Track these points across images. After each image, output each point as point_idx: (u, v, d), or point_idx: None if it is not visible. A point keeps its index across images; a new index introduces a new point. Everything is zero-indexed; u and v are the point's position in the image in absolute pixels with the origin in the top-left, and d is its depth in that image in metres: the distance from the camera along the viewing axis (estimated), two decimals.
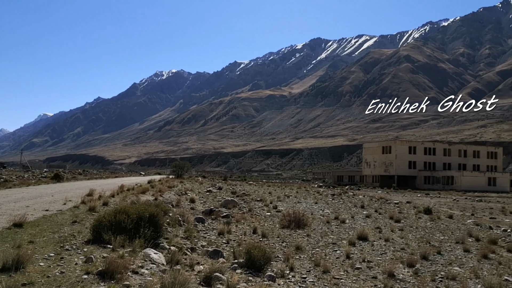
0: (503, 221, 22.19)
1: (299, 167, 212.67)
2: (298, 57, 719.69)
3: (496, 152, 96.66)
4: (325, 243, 14.04)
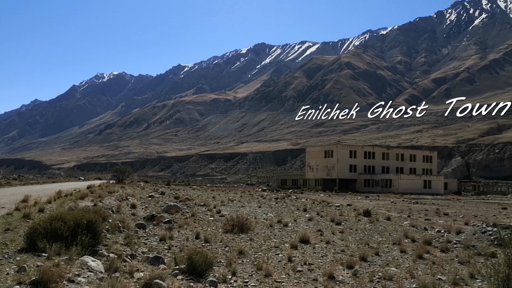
0: (437, 222, 23.18)
1: (243, 171, 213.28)
2: (242, 62, 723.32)
3: (431, 156, 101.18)
4: (268, 247, 14.12)
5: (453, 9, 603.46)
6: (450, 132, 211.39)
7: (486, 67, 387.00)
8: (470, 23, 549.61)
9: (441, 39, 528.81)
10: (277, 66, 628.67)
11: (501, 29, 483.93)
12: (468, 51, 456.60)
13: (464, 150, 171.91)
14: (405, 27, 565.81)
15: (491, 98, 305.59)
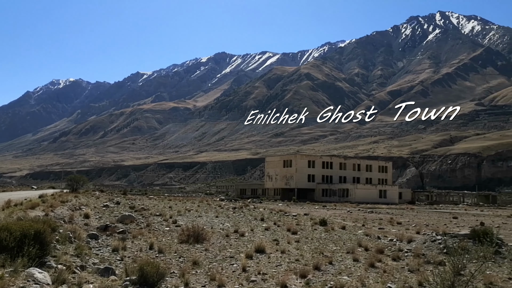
0: (390, 231, 23.69)
1: (203, 180, 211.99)
2: (202, 70, 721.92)
3: (387, 166, 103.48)
4: (223, 257, 14.05)
5: (408, 24, 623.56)
6: (405, 143, 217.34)
7: (439, 80, 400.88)
8: (424, 38, 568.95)
9: (396, 53, 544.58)
10: (238, 76, 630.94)
11: (454, 45, 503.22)
12: (422, 65, 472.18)
13: (418, 161, 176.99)
14: (363, 41, 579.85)
15: (444, 111, 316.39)
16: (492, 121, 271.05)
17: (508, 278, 12.14)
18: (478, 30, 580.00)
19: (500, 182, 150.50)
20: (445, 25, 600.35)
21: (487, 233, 14.26)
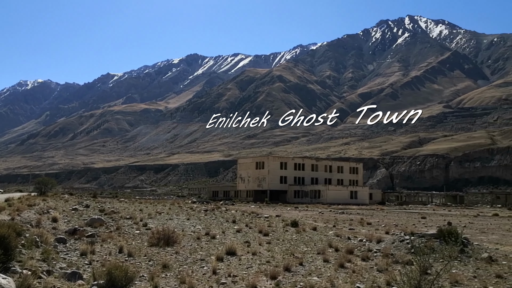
0: (360, 231, 24.00)
1: (174, 182, 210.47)
2: (174, 72, 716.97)
3: (357, 167, 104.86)
4: (194, 260, 13.99)
5: (378, 28, 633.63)
6: (376, 144, 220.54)
7: (408, 83, 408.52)
8: (394, 41, 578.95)
9: (367, 56, 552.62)
10: (210, 77, 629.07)
11: (422, 48, 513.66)
12: (392, 68, 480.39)
13: (388, 162, 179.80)
14: (334, 43, 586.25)
15: (413, 113, 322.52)
16: (459, 123, 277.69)
17: (473, 276, 12.44)
18: (446, 34, 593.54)
19: (467, 183, 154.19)
20: (414, 29, 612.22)
21: (452, 233, 14.59)
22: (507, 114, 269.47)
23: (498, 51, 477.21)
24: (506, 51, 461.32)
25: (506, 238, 22.64)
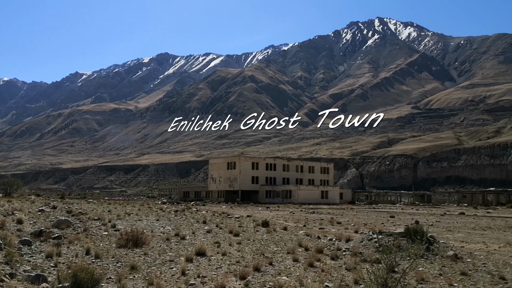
0: (330, 231, 24.19)
1: (145, 183, 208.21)
2: (145, 71, 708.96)
3: (328, 167, 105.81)
4: (162, 261, 13.84)
5: (348, 29, 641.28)
6: (346, 145, 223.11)
7: (378, 84, 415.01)
8: (364, 43, 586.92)
9: (338, 57, 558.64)
10: (181, 77, 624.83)
11: (391, 50, 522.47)
12: (362, 69, 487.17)
13: (358, 162, 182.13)
14: (305, 44, 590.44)
15: (383, 113, 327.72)
16: (427, 123, 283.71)
17: (439, 274, 12.68)
18: (414, 36, 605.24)
19: (435, 182, 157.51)
20: (383, 31, 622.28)
21: (418, 231, 14.85)
22: (473, 115, 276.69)
23: (465, 53, 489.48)
24: (472, 54, 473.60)
25: (471, 236, 23.19)
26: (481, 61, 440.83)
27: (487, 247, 18.36)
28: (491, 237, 22.85)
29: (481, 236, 23.03)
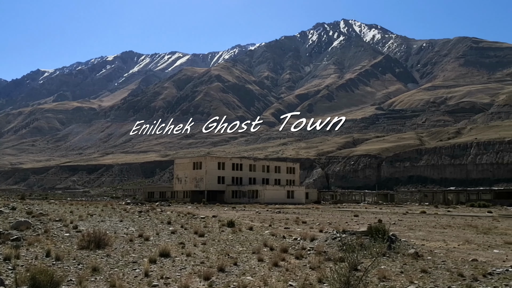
0: (295, 230, 24.35)
1: (108, 183, 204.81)
2: (109, 69, 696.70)
3: (294, 167, 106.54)
4: (125, 262, 13.62)
5: (314, 30, 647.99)
6: (312, 145, 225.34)
7: (343, 85, 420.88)
8: (329, 44, 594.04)
9: (304, 58, 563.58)
10: (146, 76, 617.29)
11: (356, 51, 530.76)
12: (328, 70, 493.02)
13: (324, 162, 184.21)
14: (272, 44, 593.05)
15: (348, 114, 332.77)
16: (391, 124, 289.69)
17: (400, 272, 12.93)
18: (379, 38, 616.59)
19: (398, 182, 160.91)
20: (348, 32, 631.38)
21: (380, 230, 15.12)
22: (434, 116, 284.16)
23: (427, 56, 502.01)
24: (434, 56, 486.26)
25: (431, 234, 23.76)
26: (443, 64, 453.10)
27: (446, 245, 18.85)
28: (451, 235, 23.48)
29: (441, 235, 23.63)
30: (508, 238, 21.21)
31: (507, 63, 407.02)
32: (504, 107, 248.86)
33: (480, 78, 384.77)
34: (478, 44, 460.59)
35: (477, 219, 37.51)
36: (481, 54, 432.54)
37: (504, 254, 16.45)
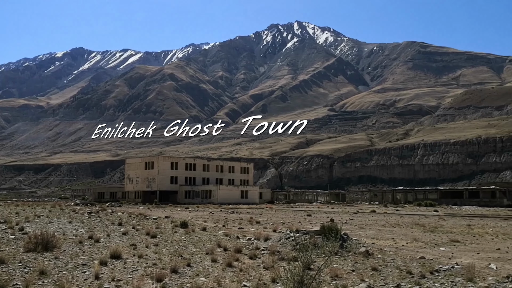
0: (249, 230, 24.41)
1: (57, 184, 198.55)
2: (58, 66, 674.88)
3: (248, 167, 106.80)
4: (75, 265, 13.22)
5: (269, 31, 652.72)
6: (266, 145, 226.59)
7: (297, 86, 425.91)
8: (283, 45, 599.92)
9: (258, 58, 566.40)
10: (97, 73, 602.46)
11: (310, 53, 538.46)
12: (282, 71, 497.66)
13: (277, 162, 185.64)
14: (226, 44, 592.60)
15: (301, 115, 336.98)
16: (342, 125, 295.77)
17: (352, 270, 13.19)
18: (331, 41, 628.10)
19: (349, 182, 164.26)
20: (302, 34, 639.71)
21: (333, 229, 15.38)
22: (384, 118, 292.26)
23: (377, 59, 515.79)
24: (384, 60, 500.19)
25: (381, 233, 24.40)
26: (392, 67, 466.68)
27: (396, 243, 19.40)
28: (400, 233, 24.19)
29: (391, 233, 24.30)
30: (454, 236, 22.08)
31: (453, 67, 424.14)
32: (449, 110, 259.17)
33: (427, 81, 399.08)
34: (425, 48, 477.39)
35: (424, 218, 38.88)
36: (428, 58, 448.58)
37: (449, 251, 17.10)
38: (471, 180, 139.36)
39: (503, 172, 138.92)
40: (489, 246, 19.07)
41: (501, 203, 74.76)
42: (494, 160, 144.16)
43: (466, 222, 34.09)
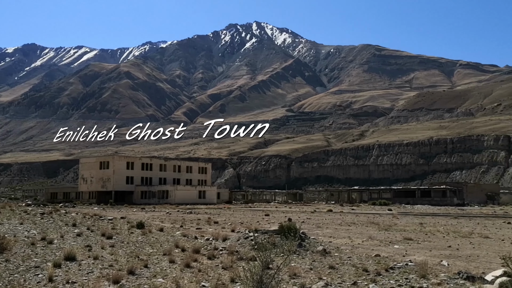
0: (208, 230, 24.28)
1: (6, 184, 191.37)
2: (8, 62, 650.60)
3: (206, 167, 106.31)
4: (27, 268, 12.76)
5: (227, 31, 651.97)
6: (224, 145, 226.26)
7: (255, 87, 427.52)
8: (242, 45, 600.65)
9: (217, 58, 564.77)
10: (50, 70, 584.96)
11: (268, 54, 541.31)
12: (240, 71, 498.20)
13: (235, 162, 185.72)
14: (184, 43, 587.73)
15: (259, 115, 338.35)
16: (300, 126, 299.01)
17: (310, 268, 13.34)
18: (289, 42, 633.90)
19: (306, 181, 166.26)
20: (261, 35, 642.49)
21: (291, 229, 15.51)
22: (340, 119, 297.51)
23: (334, 61, 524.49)
24: (341, 62, 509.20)
25: (338, 232, 24.82)
26: (348, 69, 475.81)
27: (352, 242, 19.78)
28: (355, 232, 24.68)
29: (347, 232, 24.76)
30: (407, 234, 22.72)
31: (406, 70, 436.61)
32: (403, 112, 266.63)
33: (382, 84, 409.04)
34: (380, 52, 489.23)
35: (379, 217, 39.84)
36: (383, 61, 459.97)
37: (403, 249, 17.59)
38: (423, 180, 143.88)
39: (453, 172, 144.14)
40: (441, 243, 19.73)
41: (451, 202, 77.64)
42: (445, 161, 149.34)
43: (418, 220, 35.17)
